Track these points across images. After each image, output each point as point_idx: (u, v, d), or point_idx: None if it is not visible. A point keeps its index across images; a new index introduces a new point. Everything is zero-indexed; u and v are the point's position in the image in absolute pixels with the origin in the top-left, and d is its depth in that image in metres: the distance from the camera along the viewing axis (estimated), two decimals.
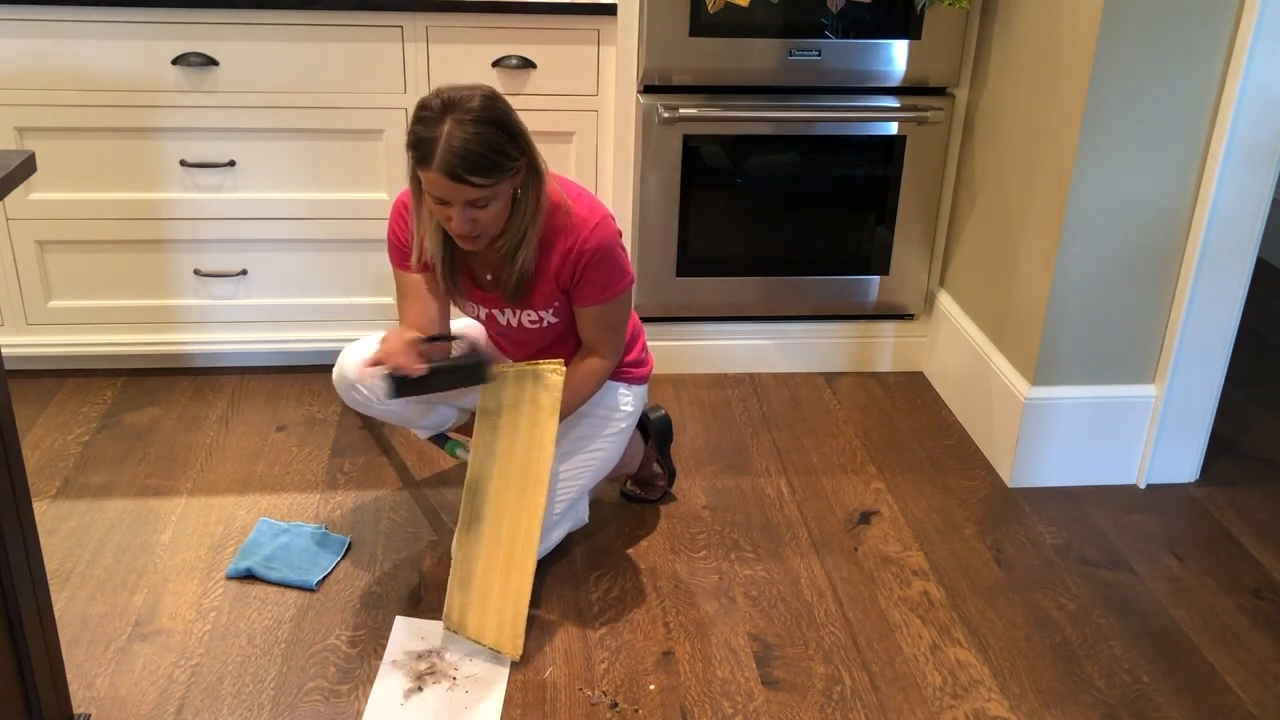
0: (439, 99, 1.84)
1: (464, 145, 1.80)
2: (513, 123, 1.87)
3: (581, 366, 2.12)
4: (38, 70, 2.60)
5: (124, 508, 2.42)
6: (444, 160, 1.81)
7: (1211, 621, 2.21)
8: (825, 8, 2.67)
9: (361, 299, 2.91)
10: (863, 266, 2.98)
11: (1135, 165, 2.35)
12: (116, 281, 2.83)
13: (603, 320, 2.09)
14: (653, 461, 2.49)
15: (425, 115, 1.83)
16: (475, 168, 1.81)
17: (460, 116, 1.81)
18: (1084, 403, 2.56)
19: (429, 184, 1.86)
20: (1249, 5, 2.21)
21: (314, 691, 1.95)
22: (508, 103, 1.88)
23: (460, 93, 1.84)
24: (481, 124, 1.82)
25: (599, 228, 2.00)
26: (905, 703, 1.98)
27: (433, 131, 1.81)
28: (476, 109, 1.82)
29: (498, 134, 1.83)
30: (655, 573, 2.28)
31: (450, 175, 1.82)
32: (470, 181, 1.82)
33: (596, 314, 2.08)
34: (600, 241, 2.00)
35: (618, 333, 2.12)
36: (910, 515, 2.50)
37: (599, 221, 2.01)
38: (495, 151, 1.83)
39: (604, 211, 2.04)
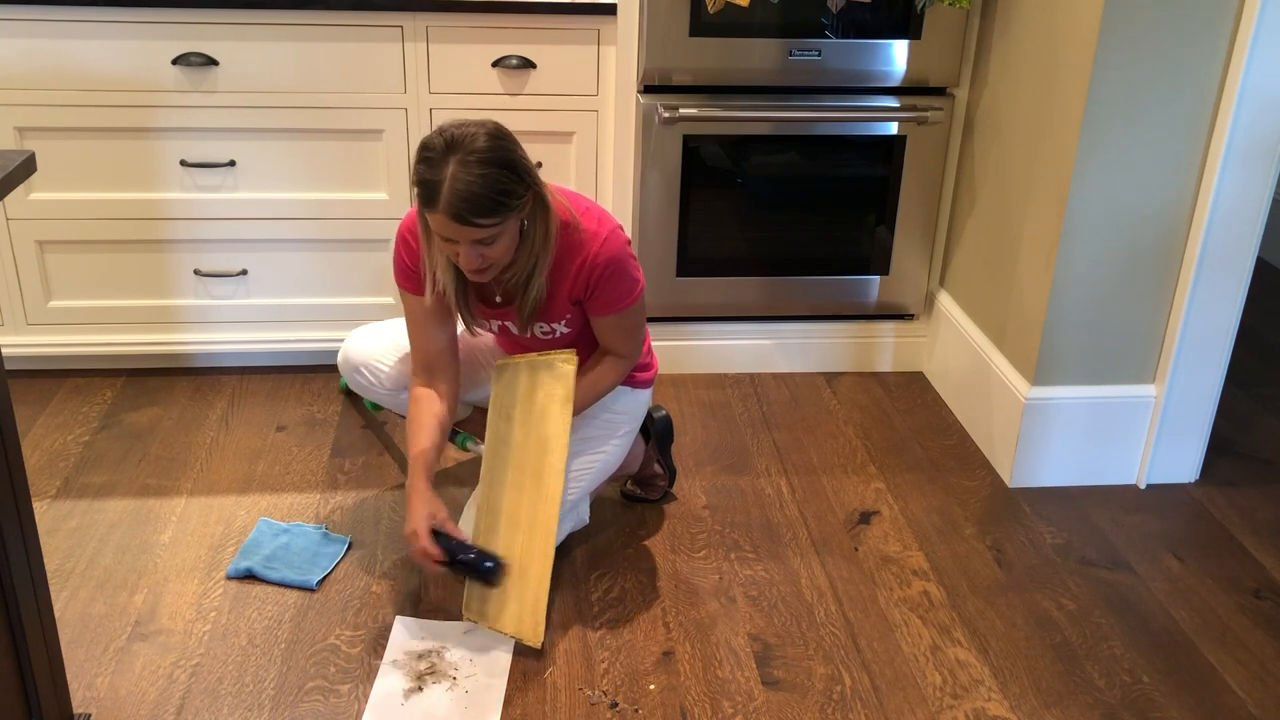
0: (442, 138, 1.81)
1: (469, 188, 1.78)
2: (517, 160, 1.85)
3: (599, 364, 2.14)
4: (38, 70, 2.60)
5: (124, 508, 2.42)
6: (449, 203, 1.79)
7: (1211, 621, 2.21)
8: (825, 8, 2.67)
9: (361, 299, 2.91)
10: (863, 266, 2.98)
11: (1135, 165, 2.35)
12: (116, 281, 2.83)
13: (619, 327, 2.11)
14: (653, 462, 2.49)
15: (429, 156, 1.81)
16: (481, 210, 1.80)
17: (464, 158, 1.79)
18: (1084, 403, 2.56)
19: (435, 225, 1.85)
20: (1249, 5, 2.21)
21: (314, 691, 1.95)
22: (512, 137, 1.87)
23: (464, 131, 1.82)
24: (486, 165, 1.80)
25: (609, 241, 2.00)
26: (905, 703, 1.98)
27: (437, 174, 1.79)
28: (481, 149, 1.80)
29: (502, 174, 1.81)
30: (655, 573, 2.28)
31: (456, 219, 1.80)
32: (476, 224, 1.81)
33: (613, 323, 2.09)
34: (611, 255, 2.00)
35: (635, 335, 2.14)
36: (910, 515, 2.50)
37: (608, 235, 2.01)
38: (500, 192, 1.81)
39: (612, 224, 2.04)
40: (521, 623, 2.04)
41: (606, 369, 2.14)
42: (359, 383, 2.31)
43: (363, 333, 2.33)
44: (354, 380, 2.32)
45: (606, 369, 2.14)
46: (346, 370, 2.32)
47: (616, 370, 2.15)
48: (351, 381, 2.33)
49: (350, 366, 2.31)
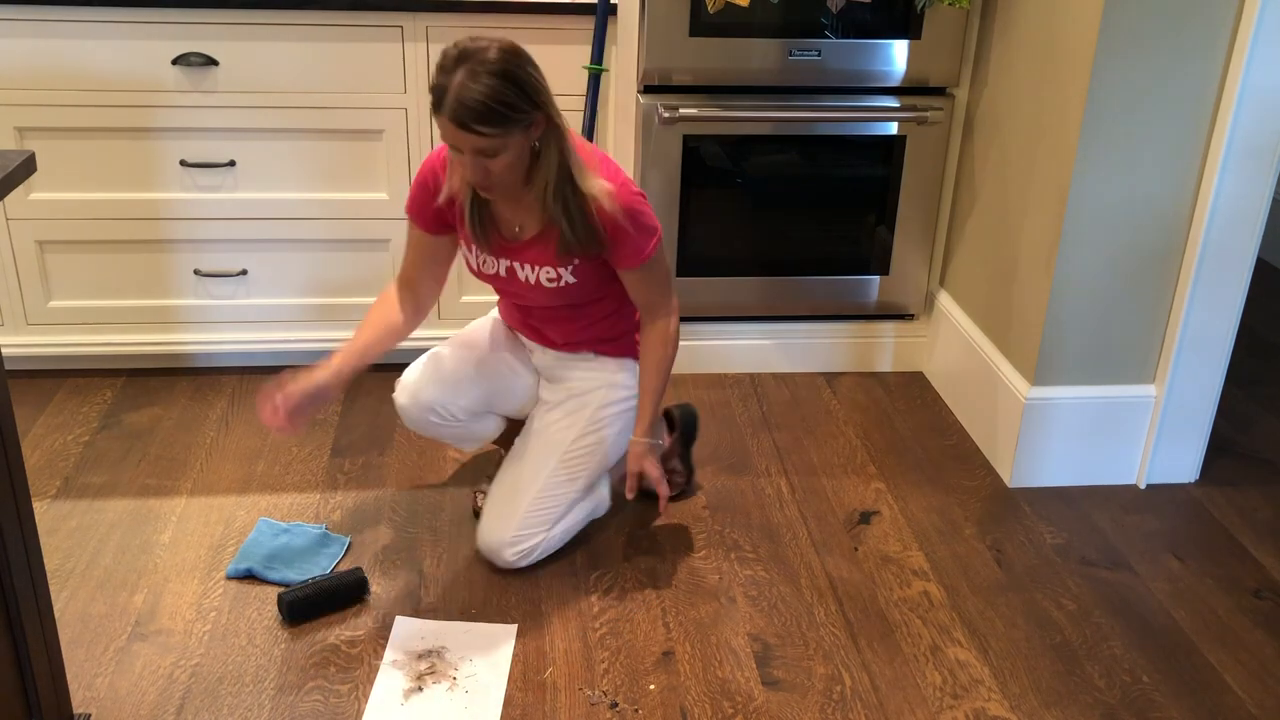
0: (457, 49, 1.87)
1: (471, 95, 1.83)
2: (527, 77, 1.89)
3: (652, 336, 2.20)
4: (38, 70, 2.60)
5: (124, 508, 2.42)
6: (451, 108, 1.85)
7: (1211, 621, 2.21)
8: (825, 8, 2.67)
9: (362, 299, 2.91)
10: (863, 266, 2.98)
11: (1135, 165, 2.35)
12: (116, 281, 2.83)
13: (648, 279, 2.14)
14: (674, 456, 2.51)
15: (443, 63, 1.87)
16: (481, 117, 1.85)
17: (473, 67, 1.84)
18: (1084, 403, 2.56)
19: (440, 129, 1.90)
20: (1249, 5, 2.21)
21: (314, 691, 1.95)
22: (526, 57, 1.90)
23: (479, 43, 1.87)
24: (493, 75, 1.84)
25: (621, 191, 2.04)
26: (905, 703, 1.98)
27: (446, 79, 1.85)
28: (490, 61, 1.85)
29: (508, 87, 1.85)
30: (655, 573, 2.28)
31: (456, 123, 1.86)
32: (476, 130, 1.86)
33: (640, 275, 2.13)
34: (625, 204, 2.03)
35: (665, 285, 2.19)
36: (910, 515, 2.50)
37: (621, 185, 2.04)
38: (503, 104, 1.85)
39: (624, 175, 2.08)
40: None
41: (661, 340, 2.19)
42: (432, 422, 2.27)
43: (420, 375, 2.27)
44: (428, 424, 2.27)
45: (661, 340, 2.19)
46: (417, 415, 2.26)
47: (670, 336, 2.20)
48: (424, 427, 2.28)
49: (421, 409, 2.25)
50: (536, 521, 2.21)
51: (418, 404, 2.25)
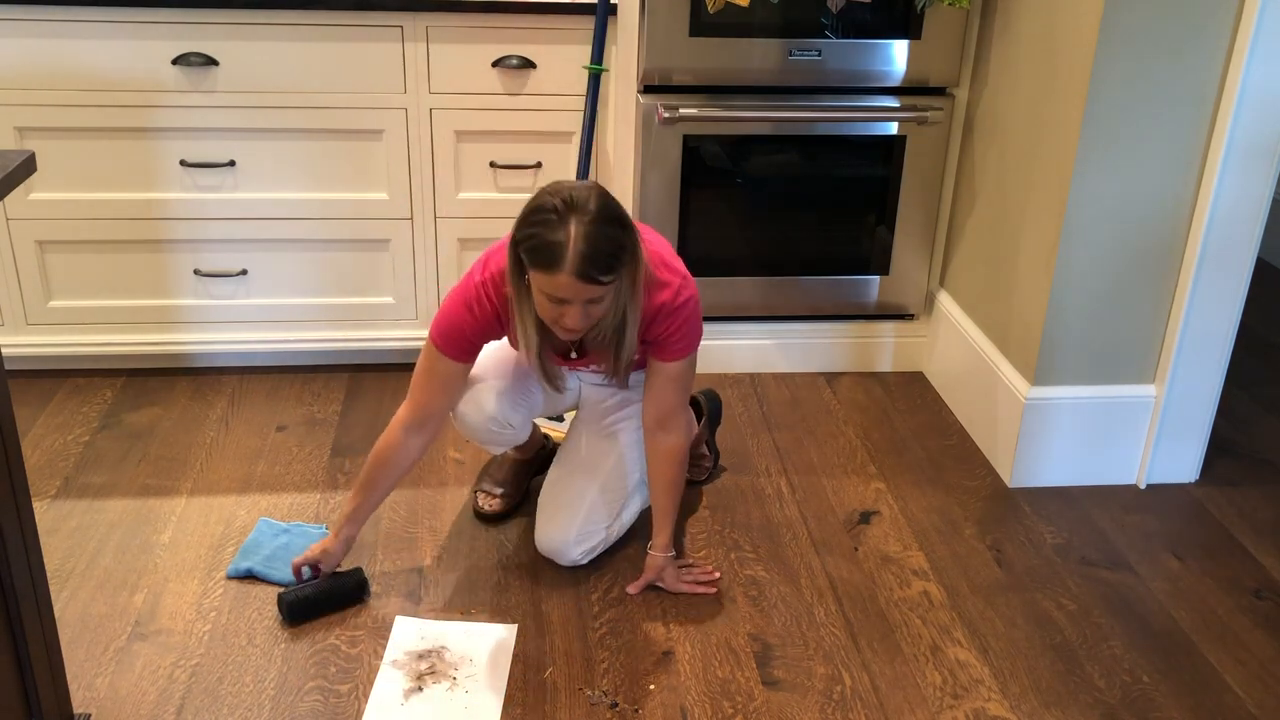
0: (559, 200, 1.81)
1: (593, 247, 1.78)
2: (625, 215, 1.87)
3: (663, 455, 2.16)
4: (38, 70, 2.60)
5: (124, 508, 2.42)
6: (575, 264, 1.78)
7: (1211, 621, 2.21)
8: (825, 8, 2.67)
9: (361, 299, 2.91)
10: (863, 266, 2.98)
11: (1135, 165, 2.35)
12: (116, 281, 2.83)
13: (680, 378, 2.11)
14: (702, 442, 2.54)
15: (547, 218, 1.80)
16: (605, 267, 1.81)
17: (583, 218, 1.79)
18: (1084, 403, 2.56)
19: (553, 287, 1.82)
20: (1249, 5, 2.21)
21: (314, 691, 1.95)
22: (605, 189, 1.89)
23: (577, 192, 1.82)
24: (604, 223, 1.81)
25: (684, 286, 2.02)
26: (905, 703, 1.98)
27: (558, 234, 1.79)
28: (597, 209, 1.81)
29: (618, 230, 1.83)
30: None
31: (582, 278, 1.79)
32: (600, 281, 1.82)
33: (677, 370, 2.09)
34: (688, 298, 2.02)
35: (687, 391, 2.15)
36: (910, 515, 2.50)
37: (682, 281, 2.02)
38: (619, 248, 1.82)
39: (683, 269, 2.05)
40: None
41: (671, 459, 2.16)
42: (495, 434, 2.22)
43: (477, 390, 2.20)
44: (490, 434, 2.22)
45: (671, 459, 2.16)
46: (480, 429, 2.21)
47: (682, 455, 2.17)
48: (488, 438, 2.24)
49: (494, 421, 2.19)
50: (600, 519, 2.23)
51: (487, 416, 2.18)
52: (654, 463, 2.18)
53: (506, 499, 2.43)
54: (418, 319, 2.93)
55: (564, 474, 2.27)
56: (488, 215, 2.84)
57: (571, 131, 2.77)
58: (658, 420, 2.13)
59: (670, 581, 2.21)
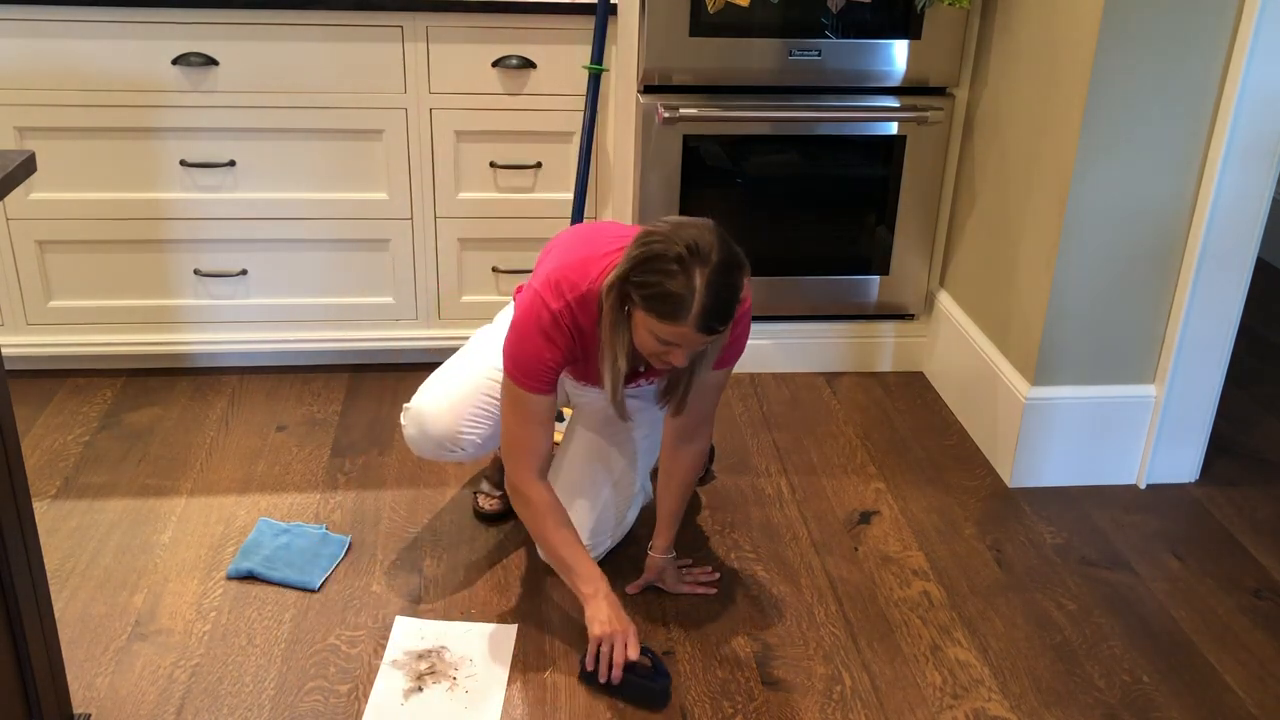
0: (682, 248, 1.73)
1: (717, 299, 1.74)
2: (738, 254, 1.79)
3: (685, 460, 2.13)
4: (38, 70, 2.60)
5: (124, 508, 2.42)
6: (700, 317, 1.73)
7: (1211, 621, 2.21)
8: (825, 8, 2.67)
9: (361, 299, 2.91)
10: (863, 266, 2.98)
11: (1135, 165, 2.35)
12: (116, 281, 2.83)
13: (720, 387, 2.09)
14: None
15: (669, 268, 1.73)
16: (727, 316, 1.78)
17: (706, 269, 1.73)
18: (1084, 403, 2.56)
19: (671, 335, 1.77)
20: (1249, 5, 2.21)
21: (314, 691, 1.95)
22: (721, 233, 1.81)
23: (696, 239, 1.74)
24: (726, 272, 1.75)
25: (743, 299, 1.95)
26: (905, 703, 1.98)
27: (683, 286, 1.72)
28: (720, 259, 1.74)
29: (737, 275, 1.78)
30: None
31: (705, 330, 1.76)
32: (720, 331, 1.79)
33: (719, 379, 2.06)
34: (745, 310, 1.98)
35: (718, 400, 2.13)
36: (910, 515, 2.50)
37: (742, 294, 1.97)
38: (738, 294, 1.79)
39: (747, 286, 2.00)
40: None
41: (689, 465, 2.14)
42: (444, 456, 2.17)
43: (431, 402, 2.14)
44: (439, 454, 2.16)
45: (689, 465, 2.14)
46: (427, 447, 2.15)
47: (696, 461, 2.15)
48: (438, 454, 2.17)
49: (434, 444, 2.14)
50: (606, 527, 2.23)
51: (429, 435, 2.13)
52: (673, 468, 2.15)
53: (506, 499, 2.43)
54: (418, 319, 2.93)
55: (575, 476, 2.24)
56: (488, 215, 2.84)
57: (571, 131, 2.77)
58: (686, 427, 2.09)
59: (670, 582, 2.21)
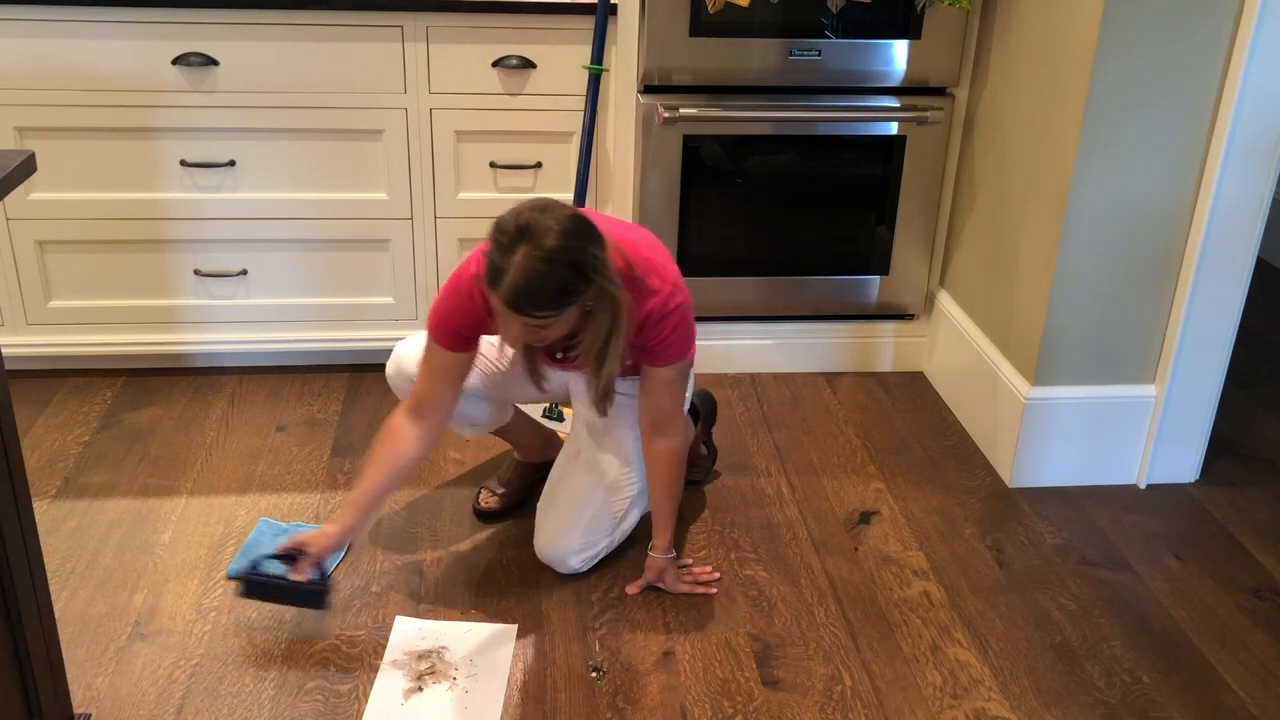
0: (516, 223, 1.76)
1: (528, 282, 1.75)
2: (586, 260, 1.79)
3: (660, 457, 2.14)
4: (38, 70, 2.60)
5: (124, 508, 2.42)
6: (508, 293, 1.76)
7: (1211, 621, 2.21)
8: (825, 8, 2.67)
9: (361, 299, 2.91)
10: (863, 266, 2.98)
11: (1135, 165, 2.35)
12: (116, 281, 2.83)
13: (673, 383, 2.09)
14: (700, 443, 2.54)
15: (500, 239, 1.77)
16: (538, 304, 1.78)
17: (533, 250, 1.74)
18: (1084, 403, 2.56)
19: (495, 307, 1.82)
20: (1249, 5, 2.21)
21: (314, 691, 1.95)
22: (591, 232, 1.82)
23: (539, 221, 1.76)
24: (552, 262, 1.75)
25: (674, 293, 1.99)
26: (905, 703, 1.98)
27: (504, 260, 1.76)
28: (550, 246, 1.75)
29: (567, 272, 1.77)
30: None
31: (513, 309, 1.78)
32: (532, 315, 1.79)
33: (670, 376, 2.07)
34: (677, 305, 1.99)
35: (682, 396, 2.13)
36: (910, 515, 2.50)
37: (672, 289, 1.99)
38: (560, 290, 1.78)
39: (674, 276, 2.01)
40: None
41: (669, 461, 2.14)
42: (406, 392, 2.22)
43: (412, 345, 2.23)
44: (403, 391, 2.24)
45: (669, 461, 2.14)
46: (401, 384, 2.24)
47: (679, 456, 2.15)
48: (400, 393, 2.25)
49: (406, 380, 2.21)
50: (599, 529, 2.22)
51: (401, 374, 2.23)
52: (651, 465, 2.17)
53: (506, 498, 2.43)
54: (418, 319, 2.93)
55: (566, 481, 2.25)
56: (488, 215, 2.83)
57: (571, 131, 2.77)
58: (653, 424, 2.12)
59: (670, 582, 2.21)
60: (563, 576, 2.25)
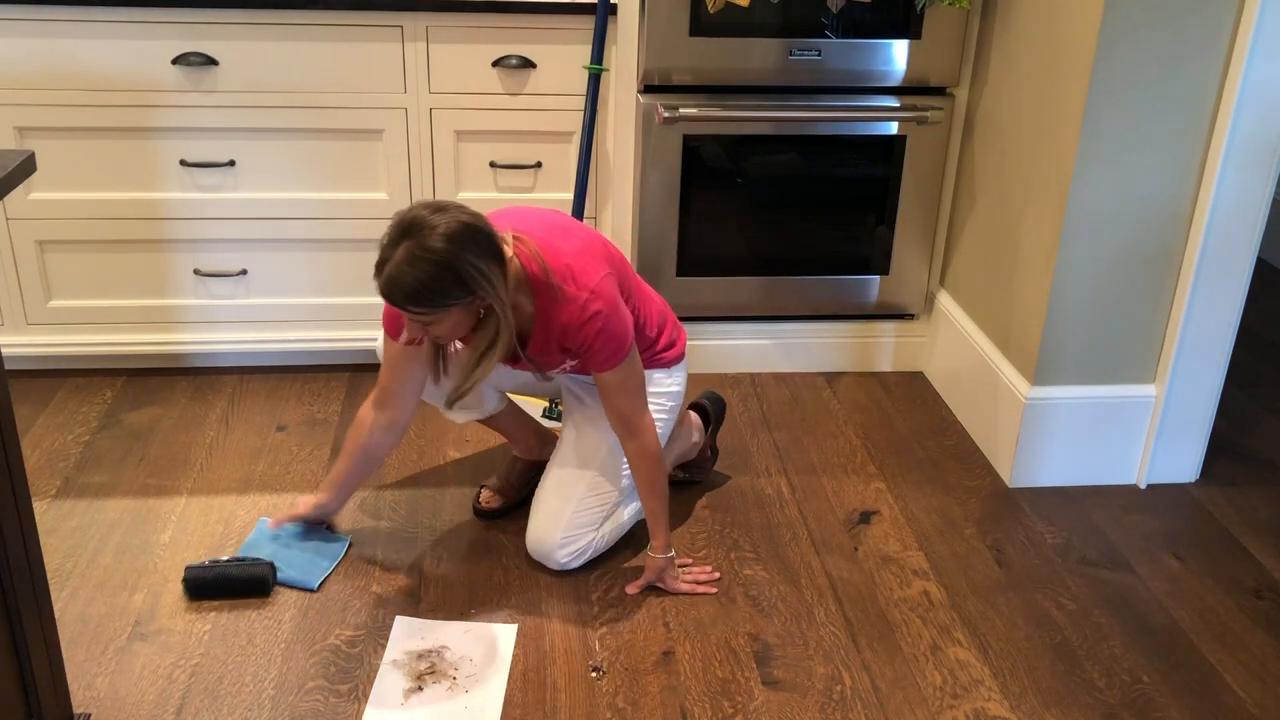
0: (405, 220, 1.82)
1: (402, 278, 1.79)
2: (465, 268, 1.80)
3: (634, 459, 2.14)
4: (38, 70, 2.60)
5: (124, 508, 2.42)
6: (382, 284, 1.82)
7: (1211, 621, 2.21)
8: (825, 7, 2.67)
9: (361, 299, 2.91)
10: (863, 266, 2.98)
11: (1135, 165, 2.35)
12: (116, 281, 2.83)
13: (621, 386, 2.07)
14: (706, 446, 2.54)
15: (390, 232, 1.83)
16: (411, 300, 1.82)
17: (413, 249, 1.79)
18: (1084, 403, 2.56)
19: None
20: (1249, 5, 2.21)
21: (314, 691, 1.95)
22: (479, 241, 1.83)
23: (428, 220, 1.81)
24: (429, 264, 1.79)
25: (590, 300, 1.97)
26: (905, 703, 1.98)
27: (387, 252, 1.82)
28: (431, 247, 1.79)
29: (443, 276, 1.80)
30: None
31: (386, 298, 1.84)
32: (406, 309, 1.84)
33: (615, 380, 2.06)
34: (595, 311, 1.97)
35: (639, 392, 2.11)
36: (910, 515, 2.50)
37: (589, 295, 1.97)
38: (434, 292, 1.81)
39: (592, 281, 1.98)
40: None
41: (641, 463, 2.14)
42: None
43: None
44: None
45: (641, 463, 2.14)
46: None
47: (653, 456, 2.14)
48: None
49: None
50: (584, 522, 2.22)
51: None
52: (630, 467, 2.17)
53: (505, 497, 2.43)
54: None
55: (553, 475, 2.27)
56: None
57: (571, 131, 2.77)
58: (620, 425, 2.12)
59: (670, 582, 2.21)
60: (563, 576, 2.25)
